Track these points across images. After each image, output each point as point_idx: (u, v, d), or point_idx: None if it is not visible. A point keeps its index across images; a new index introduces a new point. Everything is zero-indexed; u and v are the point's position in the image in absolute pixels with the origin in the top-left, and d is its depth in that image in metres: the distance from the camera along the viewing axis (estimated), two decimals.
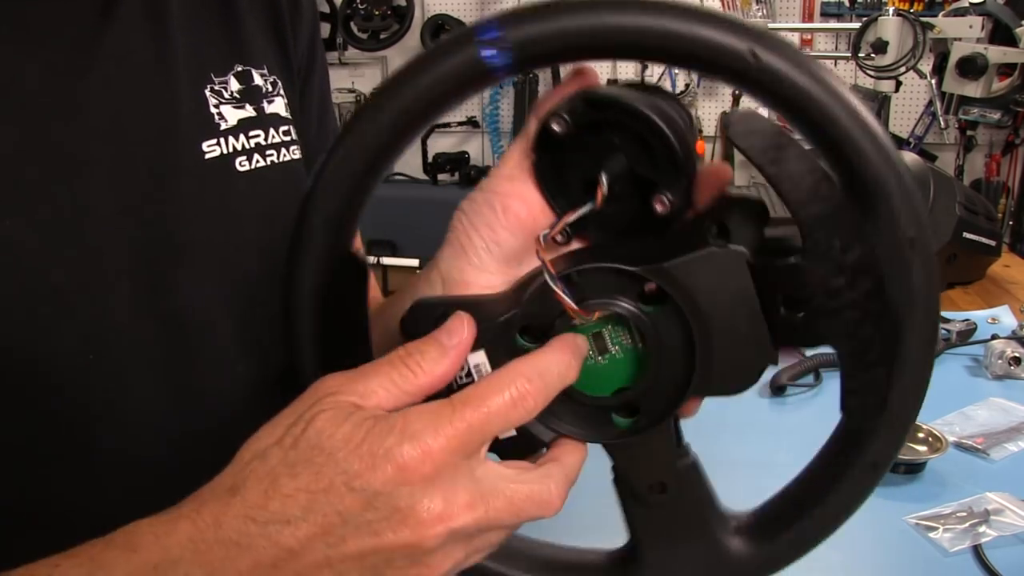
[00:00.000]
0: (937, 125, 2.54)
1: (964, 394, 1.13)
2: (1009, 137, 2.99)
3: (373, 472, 0.35)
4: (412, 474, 0.36)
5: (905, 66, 1.97)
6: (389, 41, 3.68)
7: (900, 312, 0.37)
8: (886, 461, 0.40)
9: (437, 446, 0.36)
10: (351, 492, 0.36)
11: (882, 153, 0.35)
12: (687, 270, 0.40)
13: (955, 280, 1.58)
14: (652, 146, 0.41)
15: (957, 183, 1.63)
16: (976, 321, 1.31)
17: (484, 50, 0.37)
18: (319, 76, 0.68)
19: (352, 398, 0.38)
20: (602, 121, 0.42)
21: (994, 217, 1.63)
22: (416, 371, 0.39)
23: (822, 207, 0.37)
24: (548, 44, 0.37)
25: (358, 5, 3.61)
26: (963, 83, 1.96)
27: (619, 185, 0.42)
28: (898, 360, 0.38)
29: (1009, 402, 1.10)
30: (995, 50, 1.94)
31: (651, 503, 0.43)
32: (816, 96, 0.35)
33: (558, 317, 0.42)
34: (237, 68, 0.59)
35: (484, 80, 0.38)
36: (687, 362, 0.41)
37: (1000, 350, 1.18)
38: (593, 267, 0.41)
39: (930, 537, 0.81)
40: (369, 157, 0.39)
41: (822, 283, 0.38)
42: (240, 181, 0.57)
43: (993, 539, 0.80)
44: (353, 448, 0.36)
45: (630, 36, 0.36)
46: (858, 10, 3.16)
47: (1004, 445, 0.99)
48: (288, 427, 0.38)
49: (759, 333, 0.40)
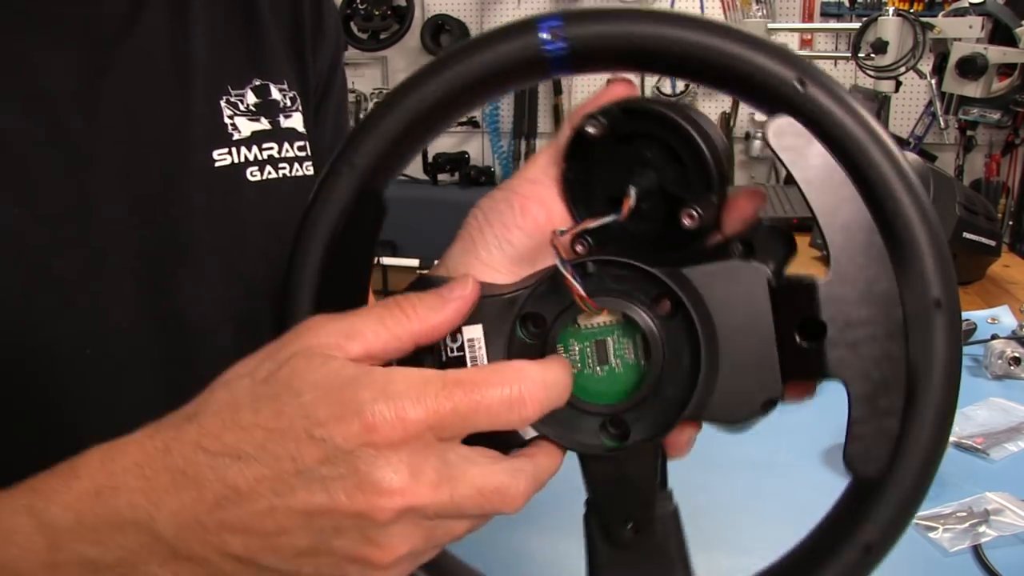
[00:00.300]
0: (937, 125, 2.54)
1: (964, 394, 1.10)
2: (1009, 137, 2.99)
3: (338, 423, 0.32)
4: (379, 436, 0.32)
5: (905, 66, 1.97)
6: (389, 41, 3.68)
7: (919, 374, 0.35)
8: (882, 545, 0.37)
9: (414, 415, 0.33)
10: (310, 440, 0.32)
11: (919, 210, 0.35)
12: (705, 278, 0.38)
13: None
14: (686, 164, 0.40)
15: (957, 183, 1.63)
16: (976, 321, 1.31)
17: (544, 37, 0.37)
18: (337, 97, 0.68)
19: (336, 338, 0.35)
20: (636, 133, 0.41)
21: (994, 217, 1.63)
22: (410, 314, 0.36)
23: (857, 235, 0.36)
24: (604, 46, 0.38)
25: (358, 5, 3.61)
26: (963, 83, 1.96)
27: (646, 202, 0.41)
28: (909, 427, 0.36)
29: (1009, 402, 1.10)
30: (995, 50, 1.94)
31: (620, 541, 0.40)
32: (858, 137, 0.35)
33: (563, 311, 0.40)
34: (255, 82, 0.59)
35: (537, 69, 0.38)
36: (688, 382, 0.39)
37: (1000, 350, 1.18)
38: (609, 259, 0.40)
39: (930, 537, 0.81)
40: (411, 117, 0.39)
41: (844, 310, 0.36)
42: (250, 190, 0.58)
43: (993, 539, 0.80)
44: (323, 394, 0.33)
45: (686, 52, 0.36)
46: (858, 10, 3.16)
47: (1004, 445, 0.99)
48: (262, 360, 0.35)
49: (768, 359, 0.38)
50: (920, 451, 0.36)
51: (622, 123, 0.41)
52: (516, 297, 0.40)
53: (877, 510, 0.36)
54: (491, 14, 3.77)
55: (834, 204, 0.36)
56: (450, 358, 0.39)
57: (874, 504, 0.36)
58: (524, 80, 0.39)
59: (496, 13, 3.76)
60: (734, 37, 0.36)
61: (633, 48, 0.37)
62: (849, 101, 0.36)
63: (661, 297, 0.39)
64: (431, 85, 0.39)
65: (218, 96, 0.57)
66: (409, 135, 0.40)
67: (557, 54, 0.38)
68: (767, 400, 0.38)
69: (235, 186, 0.57)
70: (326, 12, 0.67)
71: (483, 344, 0.40)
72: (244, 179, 0.57)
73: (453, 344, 0.40)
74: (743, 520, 0.82)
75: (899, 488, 0.36)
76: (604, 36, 0.37)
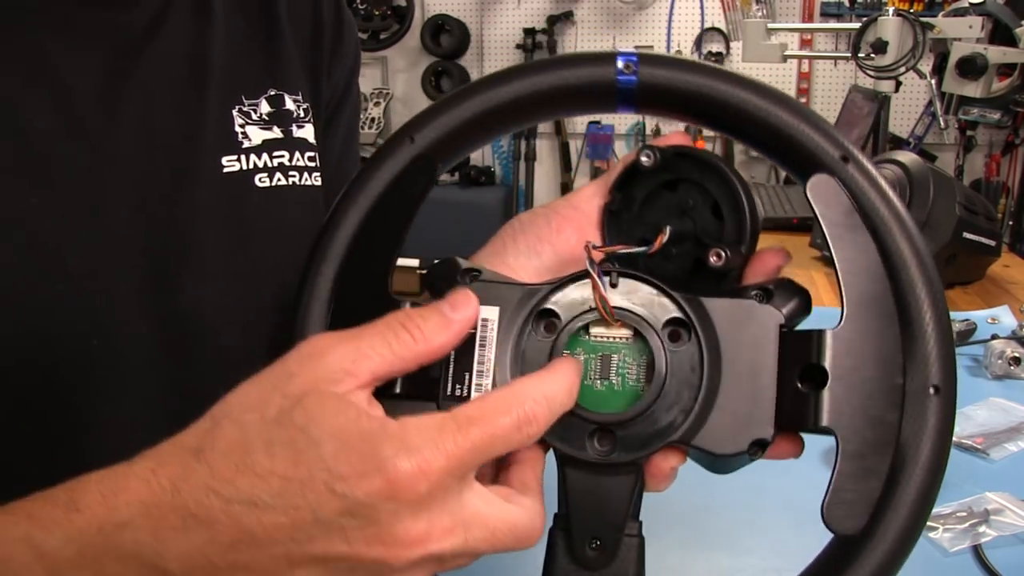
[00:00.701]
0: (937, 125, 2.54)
1: (964, 394, 1.12)
2: (1009, 137, 2.99)
3: (360, 480, 0.33)
4: (403, 492, 0.33)
5: (905, 66, 1.97)
6: (389, 41, 3.68)
7: (907, 451, 0.36)
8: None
9: (436, 465, 0.33)
10: (331, 493, 0.33)
11: (932, 294, 0.37)
12: (720, 311, 0.40)
13: (955, 280, 1.58)
14: (723, 217, 0.43)
15: (957, 183, 1.63)
16: (976, 321, 1.31)
17: (620, 67, 0.40)
18: (349, 115, 0.69)
19: (343, 364, 0.35)
20: (683, 179, 0.44)
21: (994, 217, 1.63)
22: (416, 337, 0.37)
23: (873, 290, 0.38)
24: (671, 88, 0.41)
25: (358, 5, 3.61)
26: (963, 83, 1.96)
27: (678, 246, 0.44)
28: (892, 499, 0.36)
29: (1009, 402, 1.10)
30: (995, 50, 1.94)
31: (583, 559, 0.40)
32: (886, 216, 0.38)
33: (578, 316, 0.41)
34: (270, 92, 0.61)
35: (606, 97, 0.41)
36: (684, 408, 0.39)
37: (1000, 350, 1.18)
38: (634, 274, 0.41)
39: (930, 537, 0.80)
40: (480, 111, 0.41)
41: (849, 364, 0.37)
42: (257, 196, 0.59)
43: (993, 539, 0.80)
44: (342, 446, 0.33)
45: (747, 114, 0.40)
46: (858, 10, 3.16)
47: (1004, 445, 0.99)
48: (270, 392, 0.35)
49: (766, 398, 0.39)
50: (901, 520, 0.36)
51: (672, 163, 0.44)
52: (537, 290, 0.41)
53: (858, 568, 0.36)
54: (491, 14, 3.77)
55: (855, 261, 0.38)
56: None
57: (856, 562, 0.36)
58: (592, 104, 0.42)
59: (496, 13, 3.76)
60: (790, 107, 0.40)
61: (699, 98, 0.40)
62: (881, 183, 0.39)
63: (675, 322, 0.40)
64: (511, 85, 0.41)
65: (231, 106, 0.59)
66: (474, 125, 0.42)
67: (627, 86, 0.40)
68: (756, 440, 0.39)
69: (242, 191, 0.58)
70: (347, 31, 0.68)
71: (496, 328, 0.41)
72: (252, 185, 0.59)
73: None
74: (743, 520, 0.83)
75: (880, 549, 0.36)
76: (673, 80, 0.40)
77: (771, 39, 2.29)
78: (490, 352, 0.41)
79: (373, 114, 3.77)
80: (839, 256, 0.38)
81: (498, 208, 3.60)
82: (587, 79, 0.41)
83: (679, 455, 0.40)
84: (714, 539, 0.79)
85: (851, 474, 0.37)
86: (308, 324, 0.42)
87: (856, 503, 0.36)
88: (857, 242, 0.38)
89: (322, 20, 0.66)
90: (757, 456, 0.39)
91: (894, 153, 1.70)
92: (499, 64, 3.79)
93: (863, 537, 0.36)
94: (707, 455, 0.39)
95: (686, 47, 3.58)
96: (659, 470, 0.40)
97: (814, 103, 3.47)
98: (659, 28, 3.60)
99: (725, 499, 0.87)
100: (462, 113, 0.42)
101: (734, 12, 3.49)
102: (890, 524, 0.36)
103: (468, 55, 3.83)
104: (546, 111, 0.42)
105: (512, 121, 0.42)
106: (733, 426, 0.39)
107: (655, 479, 0.41)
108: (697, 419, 0.39)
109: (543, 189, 3.84)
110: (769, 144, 0.40)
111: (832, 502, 0.37)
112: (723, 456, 0.39)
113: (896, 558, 0.36)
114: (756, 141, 0.41)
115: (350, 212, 0.42)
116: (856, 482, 0.37)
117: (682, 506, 0.84)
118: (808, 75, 3.45)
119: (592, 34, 3.68)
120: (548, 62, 0.42)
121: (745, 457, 0.39)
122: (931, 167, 1.60)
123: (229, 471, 0.33)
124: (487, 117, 0.42)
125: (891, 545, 0.36)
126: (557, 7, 3.66)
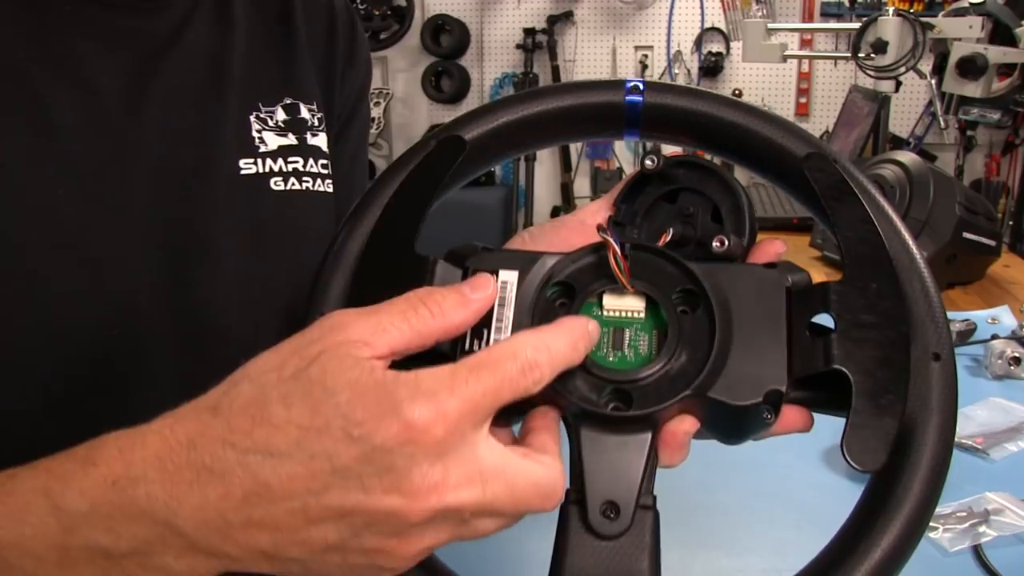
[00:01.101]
0: (937, 125, 2.54)
1: (964, 394, 1.11)
2: (1009, 137, 2.99)
3: (378, 423, 0.33)
4: (420, 435, 0.33)
5: (905, 66, 1.97)
6: (389, 41, 3.68)
7: (916, 418, 0.39)
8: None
9: (452, 408, 0.33)
10: (348, 439, 0.33)
11: (924, 289, 0.41)
12: (729, 275, 0.42)
13: (955, 280, 1.58)
14: (723, 220, 0.46)
15: (957, 183, 1.63)
16: (976, 321, 1.31)
17: (629, 96, 0.44)
18: (358, 127, 0.72)
19: (362, 335, 0.35)
20: (684, 188, 0.48)
21: (994, 217, 1.63)
22: (435, 313, 0.37)
23: (867, 249, 0.41)
24: (672, 115, 0.44)
25: (358, 5, 3.61)
26: (963, 83, 1.96)
27: (680, 249, 0.46)
28: (907, 463, 0.39)
29: (1009, 402, 1.10)
30: (995, 50, 1.94)
31: (595, 527, 0.39)
32: (871, 193, 0.43)
33: (593, 284, 0.42)
34: (286, 100, 0.64)
35: (613, 122, 0.45)
36: (698, 363, 0.40)
37: (1000, 350, 1.18)
38: (647, 246, 0.43)
39: (930, 537, 0.81)
40: (503, 128, 0.46)
41: (853, 311, 0.39)
42: (272, 198, 0.61)
43: (993, 539, 0.80)
44: (358, 394, 0.33)
45: (748, 136, 0.44)
46: (858, 10, 3.16)
47: (1004, 445, 0.99)
48: (289, 355, 0.36)
49: (778, 349, 0.40)
50: (917, 482, 0.39)
51: (673, 173, 0.48)
52: (555, 256, 0.43)
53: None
54: (491, 14, 3.77)
55: (851, 222, 0.41)
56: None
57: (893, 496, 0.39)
58: (596, 131, 0.47)
59: (496, 13, 3.76)
60: (781, 126, 0.44)
61: (688, 123, 0.44)
62: (869, 187, 0.43)
63: (687, 290, 0.42)
64: (533, 104, 0.46)
65: (249, 112, 0.61)
66: (513, 131, 0.46)
67: (633, 113, 0.45)
68: (771, 390, 0.40)
69: (258, 193, 0.60)
70: (359, 46, 0.71)
71: (515, 289, 0.42)
72: (268, 187, 0.61)
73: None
74: (743, 520, 0.83)
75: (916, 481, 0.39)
76: (670, 107, 0.44)
77: (771, 39, 2.30)
78: (509, 311, 0.42)
79: (373, 114, 3.77)
80: (832, 213, 0.42)
81: (498, 208, 3.60)
82: (597, 105, 0.45)
83: (693, 420, 0.40)
84: (714, 539, 0.79)
85: (866, 411, 0.38)
86: (330, 290, 0.43)
87: (872, 439, 0.38)
88: (850, 201, 0.42)
89: (336, 34, 0.69)
90: (771, 420, 0.40)
91: (894, 153, 1.70)
92: (499, 64, 3.80)
93: (894, 470, 0.39)
94: (723, 410, 0.40)
95: (686, 47, 3.58)
96: (673, 437, 0.40)
97: (814, 103, 3.47)
98: (659, 28, 3.60)
99: (725, 499, 0.87)
100: (501, 115, 0.46)
101: (734, 12, 3.49)
102: (919, 458, 0.39)
103: (468, 55, 3.83)
104: (561, 132, 0.47)
105: (526, 141, 0.47)
106: (748, 377, 0.40)
107: (669, 448, 0.40)
108: (711, 371, 0.40)
109: (543, 189, 3.85)
110: (765, 168, 0.45)
111: (850, 439, 0.38)
112: (739, 409, 0.40)
113: (931, 494, 0.39)
114: (757, 166, 0.45)
115: (380, 193, 0.45)
116: (871, 419, 0.38)
117: (682, 506, 0.84)
118: (808, 75, 3.45)
119: (592, 34, 3.68)
120: (562, 87, 0.46)
121: (760, 418, 0.40)
122: (931, 167, 1.60)
123: (246, 424, 0.34)
124: (511, 133, 0.46)
125: (926, 475, 0.39)
126: (557, 7, 3.66)
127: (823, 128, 3.24)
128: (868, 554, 0.38)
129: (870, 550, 0.38)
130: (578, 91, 0.45)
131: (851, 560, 0.38)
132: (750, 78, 3.53)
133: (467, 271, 0.43)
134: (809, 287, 0.42)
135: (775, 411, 0.40)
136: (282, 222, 0.61)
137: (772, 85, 3.50)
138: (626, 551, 0.38)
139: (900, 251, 0.41)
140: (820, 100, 3.47)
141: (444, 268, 0.43)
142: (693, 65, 3.59)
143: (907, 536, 0.38)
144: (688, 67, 3.59)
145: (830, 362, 0.39)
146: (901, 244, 0.42)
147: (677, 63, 3.60)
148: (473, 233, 1.84)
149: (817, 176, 0.42)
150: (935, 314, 0.40)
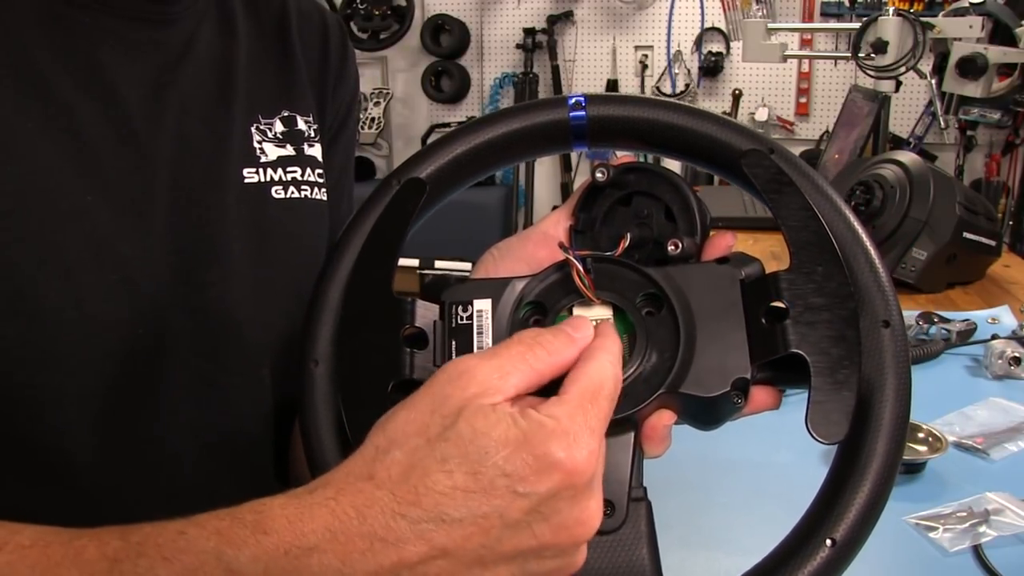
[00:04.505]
0: (937, 125, 2.54)
1: (964, 394, 1.13)
2: (1009, 137, 2.99)
3: (540, 477, 0.36)
4: (579, 477, 0.36)
5: (905, 66, 1.96)
6: (389, 41, 3.68)
7: (873, 383, 0.42)
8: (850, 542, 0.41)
9: (595, 444, 0.37)
10: (514, 495, 0.36)
11: (868, 261, 0.43)
12: (686, 275, 0.45)
13: (955, 280, 1.58)
14: (676, 219, 0.49)
15: (957, 183, 1.63)
16: (976, 321, 1.31)
17: (572, 112, 0.48)
18: (346, 140, 0.76)
19: (491, 381, 0.38)
20: (637, 191, 0.50)
21: (994, 217, 1.63)
22: (551, 351, 0.40)
23: (809, 236, 0.43)
24: (616, 125, 0.47)
25: (358, 5, 3.61)
26: (963, 83, 1.96)
27: (639, 251, 0.49)
28: (869, 429, 0.41)
29: (1009, 402, 1.10)
30: (995, 50, 1.94)
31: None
32: (808, 174, 0.45)
33: (562, 300, 0.45)
34: (284, 113, 0.67)
35: (561, 138, 0.48)
36: (667, 365, 0.43)
37: (1000, 350, 1.18)
38: (607, 256, 0.46)
39: (930, 537, 0.81)
40: (460, 159, 0.49)
41: (803, 296, 0.42)
42: (274, 206, 0.65)
43: (993, 539, 0.80)
44: (514, 450, 0.36)
45: (688, 136, 0.46)
46: (858, 10, 3.17)
47: (1004, 445, 0.99)
48: (427, 414, 0.38)
49: (738, 340, 0.43)
50: (877, 450, 0.41)
51: (624, 179, 0.50)
52: (522, 281, 0.46)
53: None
54: (491, 14, 3.77)
55: (793, 213, 0.44)
56: (459, 325, 0.45)
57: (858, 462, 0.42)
58: (546, 148, 0.50)
59: (496, 13, 3.76)
60: (721, 124, 0.46)
61: (634, 129, 0.47)
62: (808, 172, 0.46)
63: (650, 294, 0.45)
64: (483, 132, 0.49)
65: (250, 123, 0.65)
66: (470, 159, 0.49)
67: (579, 127, 0.48)
68: (737, 378, 0.43)
69: (261, 201, 0.64)
70: (350, 60, 0.76)
71: (490, 316, 0.45)
72: (269, 196, 0.64)
73: (463, 313, 0.45)
74: (743, 520, 0.82)
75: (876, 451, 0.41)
76: (614, 117, 0.47)
77: (771, 39, 2.30)
78: (487, 337, 0.45)
79: (373, 114, 3.78)
80: (775, 206, 0.44)
81: (498, 208, 3.60)
82: (543, 125, 0.48)
83: (670, 413, 0.44)
84: (714, 539, 0.79)
85: (824, 388, 0.41)
86: (318, 339, 0.47)
87: (834, 412, 0.41)
88: (788, 191, 0.44)
89: (329, 50, 0.73)
90: (741, 404, 0.43)
91: (894, 153, 1.70)
92: (499, 64, 3.80)
93: (857, 438, 0.41)
94: (696, 402, 0.43)
95: (686, 47, 3.58)
96: (654, 431, 0.44)
97: (814, 103, 3.47)
98: (659, 28, 3.61)
99: (725, 499, 0.87)
100: (456, 149, 0.49)
101: (734, 12, 3.49)
102: (875, 431, 0.41)
103: (468, 55, 3.84)
104: (510, 155, 0.49)
105: (495, 159, 0.50)
106: (715, 369, 0.43)
107: (652, 441, 0.44)
108: (681, 369, 0.43)
109: (543, 189, 3.85)
110: (717, 165, 0.47)
111: (814, 415, 0.41)
112: (710, 399, 0.43)
113: (891, 460, 0.41)
114: (709, 163, 0.47)
115: (352, 241, 0.48)
116: (830, 394, 0.41)
117: (682, 506, 0.84)
118: (808, 75, 3.45)
119: (592, 34, 3.68)
120: (508, 112, 0.49)
121: (730, 404, 0.43)
122: (931, 167, 1.60)
123: (411, 495, 0.36)
124: (466, 165, 0.49)
125: (886, 446, 0.41)
126: (557, 7, 3.66)
127: (823, 128, 3.25)
128: (843, 515, 0.41)
129: (845, 511, 0.41)
130: (525, 113, 0.49)
131: (826, 524, 0.41)
132: (750, 78, 3.53)
133: (444, 305, 0.46)
134: (761, 277, 0.44)
135: (744, 395, 0.43)
136: (283, 228, 0.65)
137: (772, 85, 3.51)
138: (625, 542, 0.42)
139: (843, 229, 0.44)
140: (820, 100, 3.47)
141: (423, 306, 0.46)
142: (693, 65, 3.59)
143: (877, 492, 0.41)
144: (688, 67, 3.60)
145: (787, 347, 0.42)
146: (843, 222, 0.44)
147: (677, 63, 3.60)
148: (473, 233, 1.85)
149: (756, 172, 0.45)
150: (881, 284, 0.43)
